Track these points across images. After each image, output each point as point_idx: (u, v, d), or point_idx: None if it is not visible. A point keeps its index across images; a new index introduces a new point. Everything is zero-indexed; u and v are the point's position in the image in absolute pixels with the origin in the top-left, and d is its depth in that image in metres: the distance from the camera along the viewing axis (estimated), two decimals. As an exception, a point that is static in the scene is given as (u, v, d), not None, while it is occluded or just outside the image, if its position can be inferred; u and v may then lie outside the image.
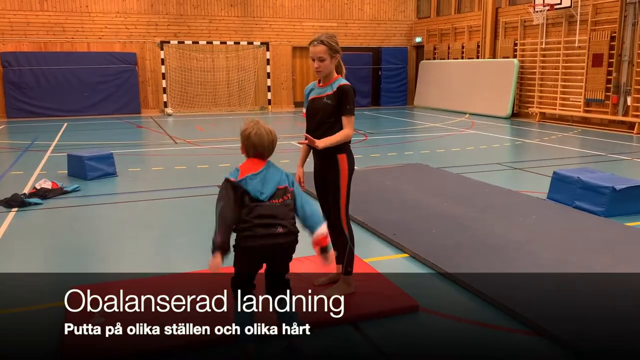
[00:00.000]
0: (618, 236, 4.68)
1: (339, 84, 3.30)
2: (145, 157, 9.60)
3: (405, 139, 11.76)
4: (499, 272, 3.86)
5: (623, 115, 12.69)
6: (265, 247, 2.76)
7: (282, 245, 2.78)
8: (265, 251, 2.79)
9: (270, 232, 2.75)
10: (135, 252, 4.57)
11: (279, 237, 2.76)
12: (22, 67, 15.85)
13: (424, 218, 5.25)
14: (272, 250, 2.79)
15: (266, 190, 2.78)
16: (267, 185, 2.79)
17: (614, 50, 12.77)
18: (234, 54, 18.31)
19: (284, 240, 2.78)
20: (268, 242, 2.75)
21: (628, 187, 5.43)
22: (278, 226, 2.76)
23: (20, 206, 5.97)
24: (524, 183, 7.16)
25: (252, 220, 2.73)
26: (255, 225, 2.74)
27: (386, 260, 4.33)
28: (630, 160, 8.82)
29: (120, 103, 16.99)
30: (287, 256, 2.89)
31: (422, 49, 20.23)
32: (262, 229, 2.74)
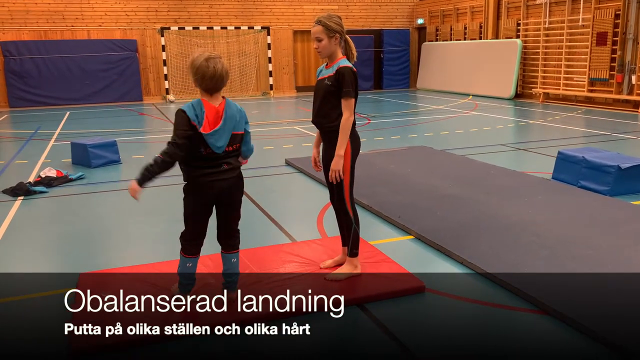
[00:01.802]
0: (624, 215, 4.67)
1: (339, 66, 3.28)
2: (149, 144, 9.60)
3: (409, 121, 11.72)
4: (505, 252, 3.86)
5: (628, 94, 12.60)
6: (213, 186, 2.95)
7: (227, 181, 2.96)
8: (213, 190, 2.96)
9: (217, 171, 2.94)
10: (142, 238, 4.60)
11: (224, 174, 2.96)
12: (23, 56, 15.80)
13: (429, 200, 5.25)
14: (218, 188, 2.96)
15: (222, 143, 2.92)
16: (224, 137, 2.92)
17: (618, 28, 12.65)
18: (234, 39, 18.21)
19: (228, 176, 2.96)
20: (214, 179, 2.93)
21: (633, 165, 5.41)
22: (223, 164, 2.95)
23: (26, 195, 5.99)
24: (528, 164, 7.15)
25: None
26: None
27: (392, 242, 4.34)
28: (636, 140, 8.78)
29: (122, 91, 16.96)
30: (234, 196, 3.07)
31: (424, 30, 20.07)
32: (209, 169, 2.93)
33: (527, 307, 3.16)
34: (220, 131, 2.89)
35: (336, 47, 3.33)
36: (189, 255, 3.12)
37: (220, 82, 2.89)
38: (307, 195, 5.86)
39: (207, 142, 2.87)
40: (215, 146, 2.90)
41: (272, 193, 5.96)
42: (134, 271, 3.67)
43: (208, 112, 2.87)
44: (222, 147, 2.92)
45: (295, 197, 5.80)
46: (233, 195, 3.08)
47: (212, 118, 2.87)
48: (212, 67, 2.84)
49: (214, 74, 2.85)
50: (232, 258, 3.19)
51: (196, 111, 2.87)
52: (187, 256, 3.12)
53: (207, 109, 2.87)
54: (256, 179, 6.67)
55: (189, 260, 3.12)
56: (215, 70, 2.85)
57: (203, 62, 2.85)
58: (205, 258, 3.73)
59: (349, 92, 3.24)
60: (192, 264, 3.12)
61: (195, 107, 2.89)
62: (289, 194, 5.97)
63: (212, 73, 2.84)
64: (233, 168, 3.02)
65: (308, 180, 6.47)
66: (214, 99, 2.93)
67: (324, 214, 5.06)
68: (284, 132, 10.49)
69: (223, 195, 3.02)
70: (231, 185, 3.03)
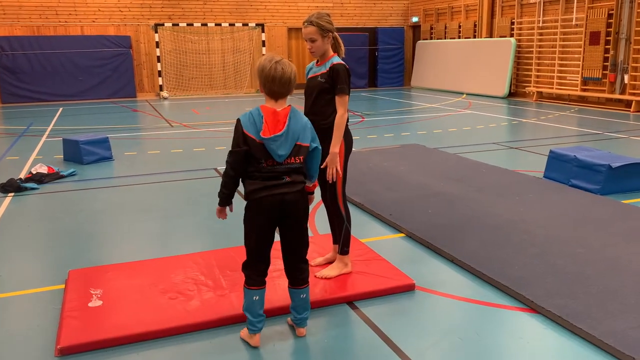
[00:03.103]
0: (614, 213, 4.69)
1: (332, 63, 3.28)
2: (142, 140, 9.56)
3: (402, 119, 11.72)
4: (495, 250, 3.87)
5: (620, 94, 12.66)
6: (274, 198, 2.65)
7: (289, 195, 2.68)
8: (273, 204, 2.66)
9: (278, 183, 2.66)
10: (133, 235, 4.58)
11: (285, 187, 2.67)
12: (15, 52, 15.71)
13: (421, 198, 5.26)
14: (280, 203, 2.66)
15: (284, 151, 2.64)
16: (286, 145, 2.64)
17: (611, 28, 12.70)
18: (229, 36, 18.16)
19: (290, 190, 2.67)
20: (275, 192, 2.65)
21: (624, 164, 5.44)
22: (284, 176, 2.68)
23: (17, 191, 5.96)
24: (520, 162, 7.17)
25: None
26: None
27: (383, 240, 4.34)
28: (627, 139, 8.82)
29: (115, 87, 16.89)
30: (298, 213, 2.75)
31: (419, 28, 20.08)
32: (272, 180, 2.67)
33: (516, 306, 3.17)
34: (283, 137, 2.62)
35: (328, 46, 3.33)
36: (252, 287, 2.75)
37: (287, 86, 2.67)
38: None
39: (267, 148, 2.60)
40: (276, 154, 2.61)
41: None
42: (124, 268, 3.66)
43: (267, 116, 2.62)
44: (284, 157, 2.63)
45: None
46: (298, 211, 2.75)
47: (271, 122, 2.62)
48: (281, 69, 2.64)
49: (282, 76, 2.64)
50: (302, 294, 2.84)
51: (254, 118, 2.63)
52: (251, 288, 2.75)
53: (266, 113, 2.63)
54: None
55: (255, 292, 2.75)
56: (283, 72, 2.64)
57: (272, 64, 2.64)
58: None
59: (343, 88, 3.25)
60: (258, 296, 2.76)
61: (252, 113, 2.65)
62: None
63: (279, 75, 2.63)
64: (295, 182, 2.71)
65: (301, 178, 6.46)
66: (278, 105, 2.68)
67: (316, 211, 5.05)
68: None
69: (285, 211, 2.70)
70: (296, 201, 2.71)
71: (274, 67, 2.64)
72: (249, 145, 2.61)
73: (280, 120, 2.63)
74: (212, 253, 3.87)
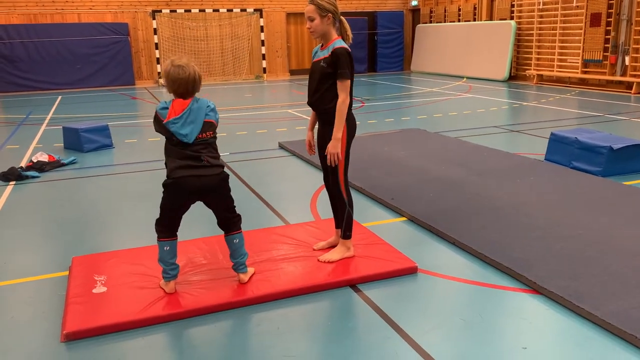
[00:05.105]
0: (615, 195, 4.69)
1: (334, 47, 3.25)
2: (141, 128, 9.54)
3: (403, 104, 11.68)
4: (497, 232, 3.88)
5: (621, 76, 12.60)
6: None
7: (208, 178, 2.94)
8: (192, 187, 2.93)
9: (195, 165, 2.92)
10: (136, 222, 4.59)
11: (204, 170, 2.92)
12: (12, 40, 15.62)
13: (422, 182, 5.26)
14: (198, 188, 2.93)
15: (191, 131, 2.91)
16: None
17: (612, 9, 12.60)
18: (227, 22, 18.04)
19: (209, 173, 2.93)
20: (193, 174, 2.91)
21: (625, 146, 5.43)
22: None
23: (18, 180, 5.96)
24: (521, 145, 7.16)
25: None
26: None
27: (385, 224, 4.35)
28: (628, 120, 8.80)
29: (113, 75, 16.81)
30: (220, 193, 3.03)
31: (418, 12, 19.94)
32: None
33: (518, 287, 3.18)
34: (183, 119, 2.92)
35: (329, 27, 3.29)
36: (163, 239, 3.04)
37: (187, 86, 2.95)
38: (300, 178, 5.85)
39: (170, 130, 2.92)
40: (179, 134, 2.90)
41: (266, 176, 5.95)
42: (127, 254, 3.67)
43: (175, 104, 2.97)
44: (191, 135, 2.91)
45: (288, 180, 5.79)
46: (219, 196, 3.06)
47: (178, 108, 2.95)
48: (182, 72, 2.92)
49: (184, 78, 2.93)
50: (234, 239, 3.14)
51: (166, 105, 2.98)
52: (162, 240, 3.04)
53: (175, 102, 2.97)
54: (249, 162, 6.65)
55: (165, 243, 3.04)
56: (183, 74, 2.93)
57: (172, 68, 2.93)
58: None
59: (344, 73, 3.21)
60: (169, 247, 3.04)
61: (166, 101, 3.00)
62: (283, 177, 5.96)
63: (180, 77, 2.93)
64: (213, 166, 2.97)
65: (301, 164, 6.46)
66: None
67: (318, 196, 5.06)
68: (277, 116, 10.44)
69: (204, 194, 3.01)
70: (215, 186, 3.01)
71: (175, 70, 2.92)
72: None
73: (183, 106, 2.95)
74: (215, 238, 3.87)
